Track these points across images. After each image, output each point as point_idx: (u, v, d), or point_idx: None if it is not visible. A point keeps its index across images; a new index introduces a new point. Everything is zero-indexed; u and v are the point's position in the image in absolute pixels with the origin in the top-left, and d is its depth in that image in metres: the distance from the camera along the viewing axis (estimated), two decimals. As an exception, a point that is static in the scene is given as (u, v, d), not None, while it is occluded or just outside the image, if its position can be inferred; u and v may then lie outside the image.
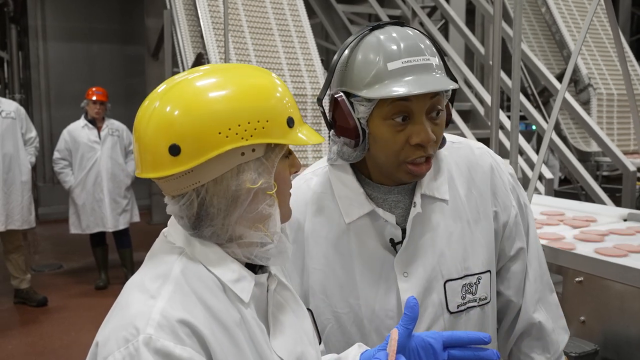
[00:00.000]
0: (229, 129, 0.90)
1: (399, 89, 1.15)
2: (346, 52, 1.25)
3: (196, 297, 0.92)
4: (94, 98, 5.56)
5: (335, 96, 1.23)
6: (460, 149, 1.38)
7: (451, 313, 1.29)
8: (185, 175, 0.91)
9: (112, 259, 5.95)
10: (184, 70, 5.29)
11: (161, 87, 0.96)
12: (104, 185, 5.60)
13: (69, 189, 5.62)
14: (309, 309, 1.19)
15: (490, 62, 5.53)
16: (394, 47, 1.19)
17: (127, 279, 5.34)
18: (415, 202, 1.28)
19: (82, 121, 5.66)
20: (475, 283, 1.31)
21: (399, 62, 1.17)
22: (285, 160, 1.00)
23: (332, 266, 1.30)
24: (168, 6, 5.56)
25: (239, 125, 0.90)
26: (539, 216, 2.92)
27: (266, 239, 0.97)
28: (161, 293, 0.90)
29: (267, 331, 1.01)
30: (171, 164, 0.90)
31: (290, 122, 0.96)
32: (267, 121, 0.92)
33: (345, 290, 1.29)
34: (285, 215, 1.03)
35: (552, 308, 1.43)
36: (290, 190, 1.03)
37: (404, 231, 1.29)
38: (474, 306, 1.31)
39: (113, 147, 5.69)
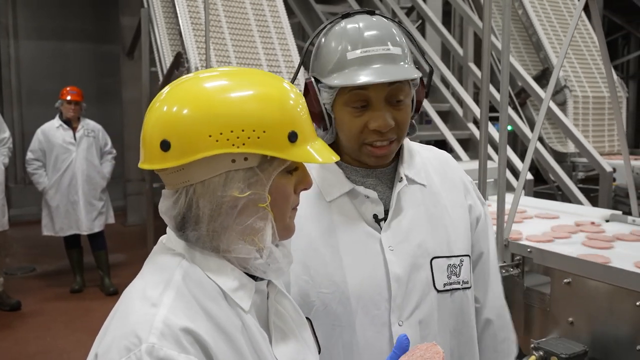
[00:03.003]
0: (220, 134, 0.88)
1: (351, 79, 1.20)
2: (317, 38, 1.32)
3: (198, 305, 0.90)
4: (69, 98, 5.44)
5: (306, 81, 1.29)
6: (431, 151, 1.49)
7: (438, 291, 1.31)
8: (177, 172, 0.92)
9: (87, 262, 5.84)
10: (161, 70, 5.24)
11: (173, 83, 0.97)
12: (79, 188, 5.49)
13: (42, 191, 5.50)
14: (307, 318, 1.17)
15: (470, 64, 5.60)
16: (356, 37, 1.24)
17: (103, 282, 5.29)
18: (401, 177, 1.33)
19: (56, 121, 5.54)
20: (459, 265, 1.34)
21: (357, 51, 1.22)
22: (287, 176, 0.96)
23: (315, 245, 1.30)
24: (145, 5, 5.48)
25: (232, 132, 0.88)
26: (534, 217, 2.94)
27: (255, 254, 0.94)
28: (163, 301, 0.88)
29: (269, 339, 0.99)
30: (161, 158, 0.91)
31: (292, 137, 0.92)
32: (264, 132, 0.90)
33: (330, 268, 1.28)
34: (286, 231, 1.00)
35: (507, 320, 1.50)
36: None
37: (385, 212, 1.32)
38: (458, 288, 1.34)
39: (89, 148, 5.58)
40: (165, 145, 0.90)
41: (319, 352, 1.18)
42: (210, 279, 0.93)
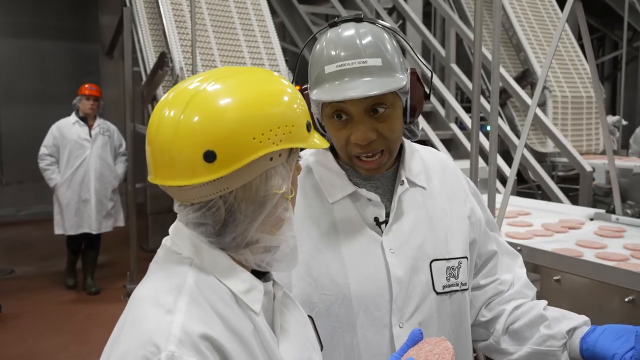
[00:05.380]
0: (262, 134, 0.88)
1: (324, 95, 1.22)
2: (308, 49, 1.34)
3: (212, 309, 0.89)
4: (87, 93, 5.40)
5: (302, 91, 1.30)
6: (431, 152, 1.48)
7: (437, 294, 1.32)
8: (213, 182, 0.88)
9: (61, 263, 5.78)
10: (144, 69, 5.20)
11: (178, 96, 0.91)
12: (92, 185, 5.42)
13: (54, 187, 5.42)
14: (309, 316, 1.18)
15: (452, 65, 5.65)
16: (332, 50, 1.24)
17: (85, 280, 5.18)
18: (403, 180, 1.34)
19: (72, 117, 5.48)
20: (457, 267, 1.35)
21: (334, 65, 1.22)
22: (297, 164, 1.00)
23: (318, 246, 1.30)
24: (127, 3, 5.43)
25: (271, 131, 0.89)
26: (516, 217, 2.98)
27: (281, 242, 0.97)
28: (178, 307, 0.87)
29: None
30: (206, 170, 0.87)
31: (309, 127, 0.97)
32: (293, 126, 0.92)
33: (332, 270, 1.29)
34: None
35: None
36: None
37: (386, 214, 1.33)
38: (457, 290, 1.35)
39: (103, 146, 5.52)
40: (210, 156, 0.86)
41: (322, 350, 1.19)
42: (221, 283, 0.93)
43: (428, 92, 1.33)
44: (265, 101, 0.91)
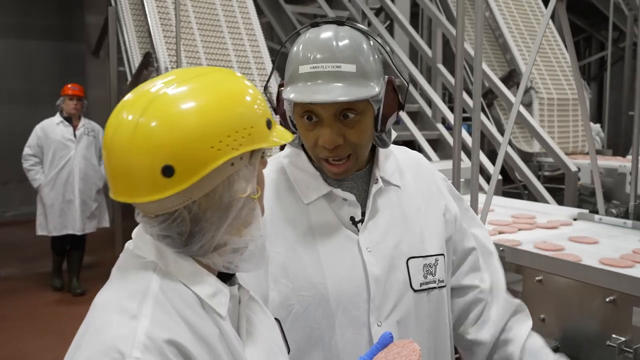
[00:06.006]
0: (220, 142, 0.87)
1: (294, 95, 1.22)
2: (287, 46, 1.34)
3: (177, 314, 0.88)
4: (70, 93, 5.37)
5: (279, 87, 1.31)
6: (405, 152, 1.50)
7: (415, 291, 1.32)
8: (175, 194, 0.86)
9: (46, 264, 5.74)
10: (130, 69, 5.18)
11: (135, 100, 0.90)
12: (75, 186, 5.39)
13: (37, 188, 5.38)
14: (276, 319, 1.18)
15: (438, 65, 5.66)
16: (309, 51, 1.23)
17: (70, 282, 5.15)
18: (377, 179, 1.34)
19: (57, 118, 5.45)
20: (434, 264, 1.36)
21: (308, 66, 1.22)
22: (261, 161, 0.98)
23: (294, 247, 1.30)
24: (112, 3, 5.40)
25: (229, 136, 0.87)
26: (509, 218, 2.99)
27: (249, 242, 0.95)
28: (142, 312, 0.85)
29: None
30: (165, 186, 0.85)
31: (269, 124, 0.95)
32: (252, 127, 0.90)
33: (309, 270, 1.29)
34: (262, 212, 1.01)
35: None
36: None
37: (362, 214, 1.33)
38: (434, 287, 1.36)
39: (88, 147, 5.49)
40: (168, 171, 0.84)
41: (289, 353, 1.19)
42: (187, 287, 0.91)
43: (403, 102, 1.32)
44: (224, 106, 0.89)
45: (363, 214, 1.33)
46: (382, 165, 1.38)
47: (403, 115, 5.51)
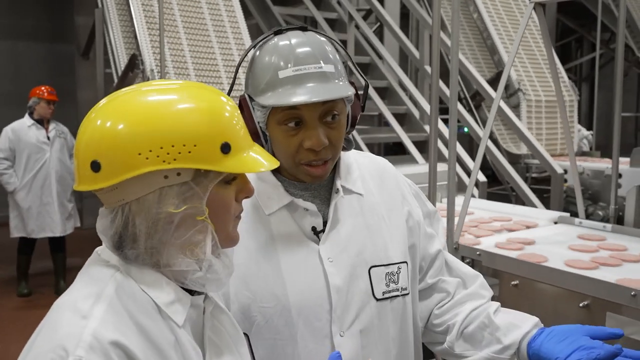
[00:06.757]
0: (150, 151, 0.87)
1: (285, 99, 1.19)
2: (249, 55, 1.31)
3: (130, 318, 0.89)
4: (48, 98, 5.35)
5: (240, 99, 1.28)
6: (368, 158, 1.49)
7: (377, 300, 1.31)
8: (111, 191, 0.90)
9: (42, 266, 5.70)
10: (116, 71, 5.17)
11: (103, 100, 0.95)
12: (53, 189, 5.38)
13: (12, 192, 5.34)
14: (245, 334, 1.17)
15: (425, 67, 5.66)
16: (287, 55, 1.22)
17: (58, 284, 5.11)
18: (338, 189, 1.33)
19: (27, 120, 5.39)
20: (396, 272, 1.35)
21: (289, 70, 1.21)
22: (225, 186, 0.96)
23: (255, 258, 1.29)
24: (99, 4, 5.39)
25: (161, 148, 0.88)
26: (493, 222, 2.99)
27: (194, 266, 0.94)
28: (93, 313, 0.87)
29: (203, 354, 0.98)
30: (92, 179, 0.90)
31: (225, 148, 0.92)
32: (195, 146, 0.89)
33: (270, 281, 1.28)
34: (229, 240, 1.00)
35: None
36: None
37: (324, 224, 1.32)
38: (397, 295, 1.34)
39: (61, 149, 5.48)
40: (95, 166, 0.89)
41: None
42: (145, 293, 0.92)
43: (363, 103, 1.34)
44: (166, 118, 0.89)
45: (325, 224, 1.32)
46: (344, 174, 1.37)
47: (390, 117, 5.51)
